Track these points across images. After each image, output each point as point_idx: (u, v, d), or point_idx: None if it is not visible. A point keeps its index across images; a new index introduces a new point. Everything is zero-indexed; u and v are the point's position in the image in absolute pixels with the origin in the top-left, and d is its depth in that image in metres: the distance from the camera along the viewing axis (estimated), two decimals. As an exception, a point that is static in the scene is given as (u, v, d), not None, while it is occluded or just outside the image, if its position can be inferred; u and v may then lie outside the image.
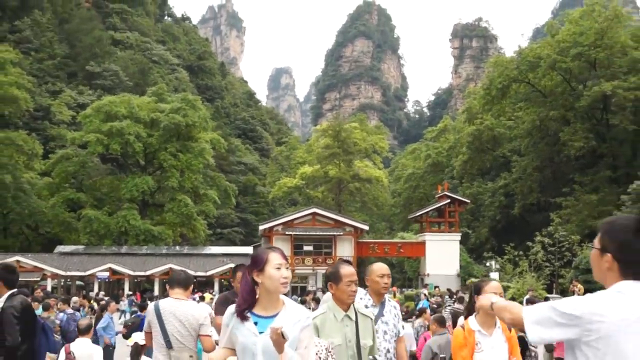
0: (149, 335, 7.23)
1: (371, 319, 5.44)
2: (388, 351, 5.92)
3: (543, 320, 3.02)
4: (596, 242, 3.20)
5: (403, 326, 6.46)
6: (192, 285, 7.85)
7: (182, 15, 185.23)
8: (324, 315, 5.24)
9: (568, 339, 3.02)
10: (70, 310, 15.75)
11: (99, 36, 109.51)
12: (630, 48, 56.11)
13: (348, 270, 5.28)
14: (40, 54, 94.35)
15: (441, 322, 9.54)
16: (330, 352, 4.69)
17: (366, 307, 5.89)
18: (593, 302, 2.99)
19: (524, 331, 3.20)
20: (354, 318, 5.23)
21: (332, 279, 5.28)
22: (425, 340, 9.71)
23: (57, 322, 14.39)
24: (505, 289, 38.00)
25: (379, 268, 6.23)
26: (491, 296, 3.99)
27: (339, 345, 5.01)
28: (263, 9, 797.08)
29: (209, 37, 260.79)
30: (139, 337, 8.05)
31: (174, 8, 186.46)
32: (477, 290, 5.45)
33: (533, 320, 3.07)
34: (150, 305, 7.67)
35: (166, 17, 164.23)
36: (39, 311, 13.99)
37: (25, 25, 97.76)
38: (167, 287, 8.36)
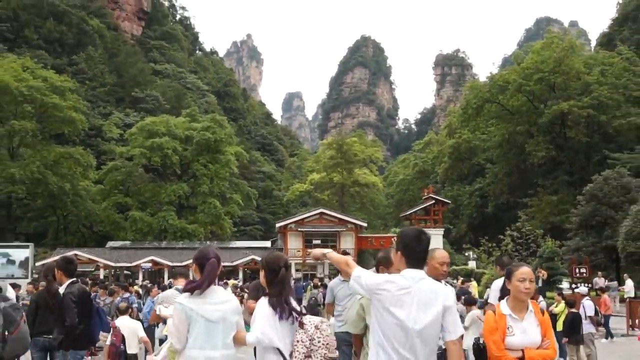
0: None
1: None
2: None
3: (356, 279, 4.11)
4: (394, 243, 4.32)
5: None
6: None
7: (211, 49, 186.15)
8: None
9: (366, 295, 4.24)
10: (126, 294, 15.98)
11: (142, 68, 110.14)
12: (583, 73, 56.09)
13: (384, 255, 4.93)
14: (93, 83, 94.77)
15: None
16: (319, 328, 4.67)
17: None
18: (382, 279, 4.07)
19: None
20: None
21: (384, 263, 4.88)
22: None
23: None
24: (481, 274, 37.90)
25: (440, 255, 5.48)
26: (323, 249, 4.80)
27: None
28: (278, 44, 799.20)
29: (233, 67, 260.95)
30: None
31: (204, 44, 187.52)
32: (509, 275, 4.75)
33: (353, 277, 4.15)
34: (171, 290, 8.29)
35: (197, 51, 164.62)
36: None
37: (81, 59, 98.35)
38: (172, 279, 9.00)
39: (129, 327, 9.54)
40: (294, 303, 4.70)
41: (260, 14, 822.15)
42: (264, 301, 4.63)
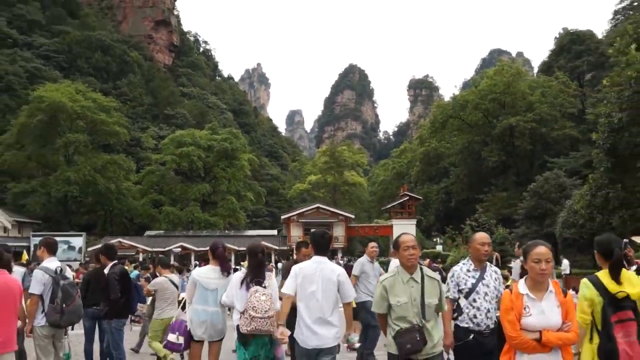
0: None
1: (438, 281, 4.39)
2: (488, 311, 4.74)
3: (288, 288, 5.00)
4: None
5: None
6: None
7: (228, 75, 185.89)
8: (393, 277, 4.36)
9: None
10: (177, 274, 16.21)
11: (172, 91, 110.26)
12: (528, 94, 56.19)
13: (405, 238, 4.40)
14: (133, 103, 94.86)
15: None
16: (251, 295, 5.36)
17: (468, 271, 4.92)
18: (299, 266, 5.10)
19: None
20: (419, 280, 4.28)
21: (394, 246, 4.54)
22: None
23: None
24: (446, 256, 37.96)
25: (481, 237, 5.02)
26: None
27: (405, 303, 4.20)
28: (282, 71, 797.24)
29: (246, 90, 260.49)
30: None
31: (222, 71, 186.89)
32: (525, 255, 3.78)
33: (286, 292, 5.02)
34: (162, 278, 8.69)
35: (217, 77, 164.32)
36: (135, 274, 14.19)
37: (123, 84, 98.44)
38: (160, 266, 9.51)
39: None
40: (266, 275, 5.72)
41: (268, 47, 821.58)
42: (238, 275, 5.76)
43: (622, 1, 57.18)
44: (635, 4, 56.11)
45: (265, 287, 5.46)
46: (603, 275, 4.10)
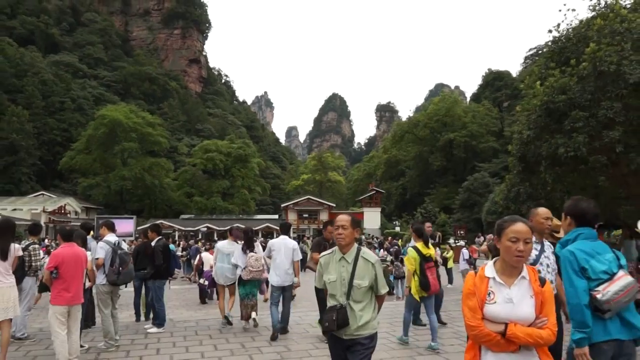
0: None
1: (372, 263, 3.17)
2: (551, 282, 3.59)
3: (267, 253, 6.54)
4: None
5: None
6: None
7: (242, 100, 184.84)
8: (328, 256, 3.34)
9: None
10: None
11: (201, 111, 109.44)
12: (462, 116, 56.65)
13: (338, 217, 3.41)
14: (172, 120, 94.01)
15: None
16: (249, 258, 6.82)
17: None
18: (272, 242, 6.51)
19: None
20: (351, 261, 3.17)
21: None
22: None
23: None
24: (402, 235, 38.05)
25: (544, 212, 3.84)
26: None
27: (334, 281, 3.18)
28: (283, 97, 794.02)
29: (255, 111, 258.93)
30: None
31: (238, 97, 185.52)
32: (499, 231, 2.28)
33: (266, 254, 6.37)
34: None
35: (234, 102, 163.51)
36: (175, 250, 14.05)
37: (165, 106, 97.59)
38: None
39: (206, 257, 11.36)
40: (255, 245, 6.98)
41: (272, 79, 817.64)
42: (239, 246, 7.04)
43: (531, 49, 57.78)
44: (540, 52, 56.66)
45: (256, 252, 6.94)
46: (419, 245, 6.11)
